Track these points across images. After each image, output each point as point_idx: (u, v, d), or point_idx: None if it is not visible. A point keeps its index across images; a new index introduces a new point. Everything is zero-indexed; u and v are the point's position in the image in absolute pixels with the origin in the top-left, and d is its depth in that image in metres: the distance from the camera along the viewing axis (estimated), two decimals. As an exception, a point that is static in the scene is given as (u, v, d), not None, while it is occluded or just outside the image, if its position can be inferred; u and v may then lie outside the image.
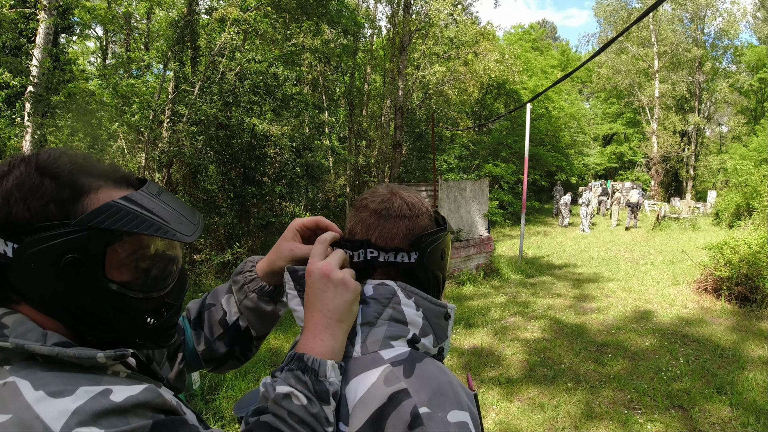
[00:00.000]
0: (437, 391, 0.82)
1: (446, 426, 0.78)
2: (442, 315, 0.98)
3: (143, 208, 0.78)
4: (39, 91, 6.97)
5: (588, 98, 46.06)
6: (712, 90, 34.74)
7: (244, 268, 1.13)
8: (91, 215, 0.73)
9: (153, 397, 0.72)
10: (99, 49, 18.95)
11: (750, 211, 16.08)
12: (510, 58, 18.00)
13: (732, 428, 3.89)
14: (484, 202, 10.96)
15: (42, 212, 0.72)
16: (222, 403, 4.19)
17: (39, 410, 0.63)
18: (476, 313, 7.30)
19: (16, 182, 0.73)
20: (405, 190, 1.05)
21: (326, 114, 16.96)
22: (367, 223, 0.99)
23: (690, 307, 7.40)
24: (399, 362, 0.86)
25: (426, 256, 0.97)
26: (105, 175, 0.80)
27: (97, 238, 0.74)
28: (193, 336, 1.14)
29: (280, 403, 0.80)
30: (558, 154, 28.25)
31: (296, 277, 0.99)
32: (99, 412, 0.65)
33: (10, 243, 0.72)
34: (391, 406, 0.80)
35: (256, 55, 9.49)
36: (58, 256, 0.72)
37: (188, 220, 0.84)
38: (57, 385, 0.66)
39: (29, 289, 0.74)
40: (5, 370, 0.68)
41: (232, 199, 9.68)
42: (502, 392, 4.62)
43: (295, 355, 0.86)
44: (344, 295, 0.90)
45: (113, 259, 0.76)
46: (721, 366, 5.16)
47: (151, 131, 8.37)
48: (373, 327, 0.92)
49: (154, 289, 0.82)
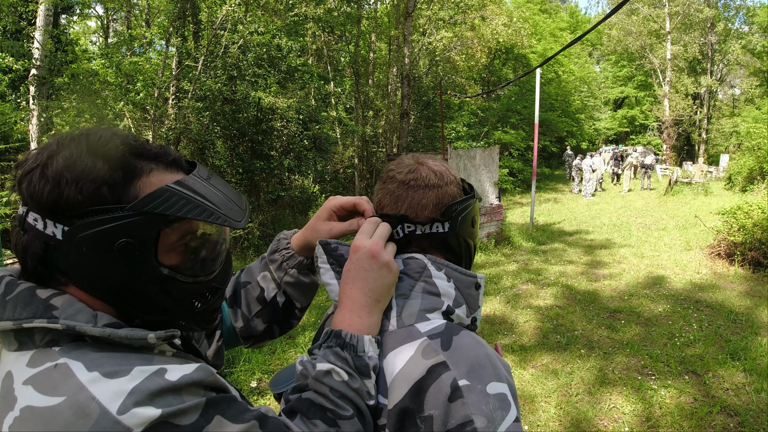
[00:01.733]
0: (475, 363, 0.83)
1: (486, 398, 0.79)
2: (473, 285, 0.99)
3: (196, 193, 0.77)
4: (42, 74, 6.93)
5: (598, 61, 45.20)
6: (724, 51, 33.92)
7: (279, 246, 1.13)
8: (146, 200, 0.72)
9: (206, 376, 0.72)
10: (100, 28, 18.82)
11: (763, 175, 15.88)
12: (518, 21, 17.67)
13: (745, 394, 3.89)
14: (494, 170, 10.88)
15: (95, 195, 0.70)
16: (240, 376, 4.26)
17: (94, 391, 0.62)
18: (488, 281, 7.31)
19: (67, 163, 0.70)
20: (431, 159, 1.04)
21: (332, 85, 16.81)
22: (396, 195, 0.98)
23: (703, 273, 7.36)
24: (436, 335, 0.86)
25: (458, 224, 0.98)
26: (156, 157, 0.78)
27: (151, 223, 0.73)
28: (231, 314, 1.15)
29: (322, 380, 0.81)
30: (568, 119, 27.92)
31: (329, 250, 0.99)
32: (155, 391, 0.64)
33: (60, 225, 0.70)
34: (430, 378, 0.81)
35: (259, 26, 9.36)
36: (111, 240, 0.71)
37: (237, 206, 0.83)
38: (111, 366, 0.66)
39: (78, 272, 0.73)
40: (54, 352, 0.68)
41: (240, 174, 9.70)
42: (516, 359, 4.65)
43: (333, 332, 0.86)
44: (387, 277, 0.90)
45: (164, 243, 0.76)
46: (734, 331, 5.15)
47: (157, 109, 8.34)
48: (408, 300, 0.93)
49: (203, 273, 0.82)
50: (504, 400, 0.81)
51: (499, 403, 0.80)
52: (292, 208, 12.02)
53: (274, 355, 4.76)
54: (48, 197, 0.69)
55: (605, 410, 3.75)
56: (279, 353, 4.79)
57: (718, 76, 35.25)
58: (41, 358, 0.67)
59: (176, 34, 9.22)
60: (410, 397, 0.81)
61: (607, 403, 3.83)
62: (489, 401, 0.79)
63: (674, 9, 31.02)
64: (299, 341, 5.05)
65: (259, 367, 4.44)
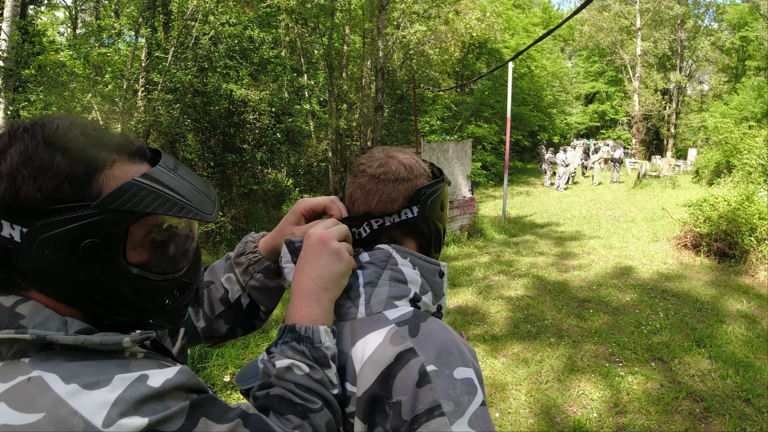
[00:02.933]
0: (443, 349, 0.84)
1: (453, 382, 0.80)
2: (437, 273, 1.01)
3: (165, 186, 0.72)
4: (9, 66, 6.75)
5: (570, 57, 45.74)
6: (693, 48, 34.72)
7: (246, 249, 1.10)
8: (112, 196, 0.67)
9: (188, 379, 0.69)
10: (68, 18, 18.31)
11: (730, 169, 16.28)
12: (491, 16, 17.74)
13: (711, 380, 4.01)
14: (467, 164, 10.95)
15: (55, 193, 0.65)
16: (213, 371, 4.22)
17: (75, 404, 0.59)
18: (461, 273, 7.37)
19: (23, 158, 0.64)
20: (401, 152, 1.05)
21: (305, 77, 16.66)
22: (366, 189, 1.00)
23: (670, 263, 7.54)
24: (404, 322, 0.87)
25: (427, 207, 1.00)
26: (119, 147, 0.73)
27: (118, 221, 0.68)
28: (192, 313, 1.11)
29: (284, 376, 0.80)
30: (540, 113, 28.20)
31: (293, 249, 0.99)
32: (139, 400, 0.61)
33: (17, 226, 0.65)
34: (398, 365, 0.82)
35: (231, 17, 9.22)
36: (75, 241, 0.66)
37: (207, 197, 0.79)
38: (89, 376, 0.62)
39: (40, 275, 0.68)
40: (24, 364, 0.63)
41: (212, 168, 9.55)
42: (488, 349, 4.70)
43: (287, 327, 0.86)
44: (336, 264, 0.90)
45: (132, 240, 0.71)
46: (700, 320, 5.29)
47: (126, 101, 8.17)
48: (375, 287, 0.93)
49: (172, 270, 0.78)
50: (471, 384, 0.82)
51: (466, 388, 0.81)
52: (265, 202, 11.91)
53: (247, 349, 4.72)
54: (3, 197, 0.64)
55: (574, 397, 3.82)
56: (252, 347, 4.76)
57: (687, 72, 36.07)
58: (11, 371, 0.62)
59: (146, 24, 9.04)
60: (379, 384, 0.82)
61: (576, 390, 3.91)
62: (456, 386, 0.80)
63: (645, 6, 31.61)
64: (272, 335, 5.02)
65: (233, 361, 4.40)
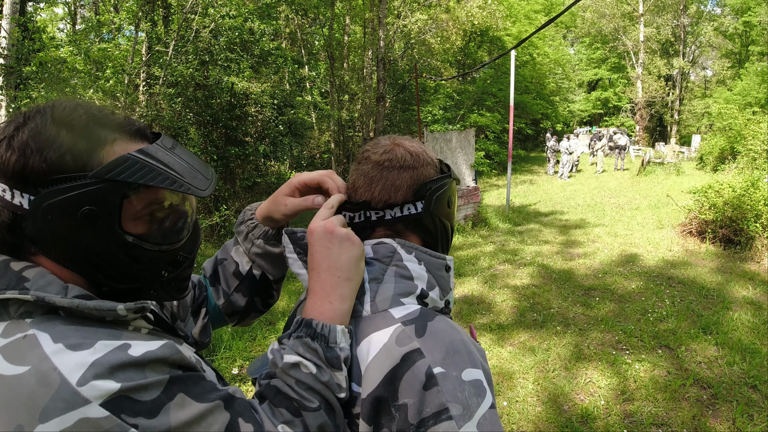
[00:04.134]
0: (450, 349, 0.81)
1: (461, 385, 0.78)
2: (443, 267, 0.98)
3: (159, 161, 0.78)
4: (10, 63, 6.75)
5: (572, 44, 45.44)
6: (696, 33, 34.47)
7: (244, 218, 1.13)
8: (108, 167, 0.74)
9: (171, 353, 0.72)
10: (68, 14, 18.26)
11: (734, 155, 16.21)
12: (492, 3, 17.62)
13: (718, 366, 4.00)
14: (471, 153, 10.93)
15: (59, 163, 0.72)
16: (221, 364, 4.24)
17: (56, 362, 0.64)
18: (466, 262, 7.37)
19: (32, 133, 0.72)
20: (408, 140, 1.02)
21: (306, 69, 16.63)
22: (370, 176, 0.96)
23: (675, 250, 7.52)
24: (410, 321, 0.84)
25: (432, 203, 0.96)
26: (120, 127, 0.80)
27: (113, 190, 0.74)
28: (213, 292, 1.17)
29: (288, 372, 0.80)
30: (543, 101, 28.06)
31: (295, 239, 0.98)
32: (116, 365, 0.65)
33: (26, 195, 0.72)
34: (404, 366, 0.79)
35: (230, 10, 9.18)
36: (75, 207, 0.72)
37: (202, 175, 0.85)
38: (76, 338, 0.67)
39: (46, 240, 0.75)
40: (26, 323, 0.69)
41: (215, 161, 9.55)
42: (494, 338, 4.71)
43: (303, 320, 0.84)
44: (351, 249, 0.88)
45: (129, 211, 0.77)
46: (706, 307, 5.28)
47: (128, 96, 8.16)
48: (381, 284, 0.91)
49: (168, 242, 0.83)
50: (479, 386, 0.79)
51: (475, 390, 0.79)
52: (268, 195, 11.82)
53: (254, 341, 4.74)
54: (14, 167, 0.71)
55: (581, 385, 3.83)
56: (260, 339, 4.77)
57: (690, 57, 35.82)
58: (13, 329, 0.68)
59: (146, 18, 9.00)
60: (384, 386, 0.79)
61: (583, 378, 3.91)
62: (464, 388, 0.78)
63: (647, -9, 31.31)
64: (279, 327, 5.04)
65: (240, 354, 4.42)
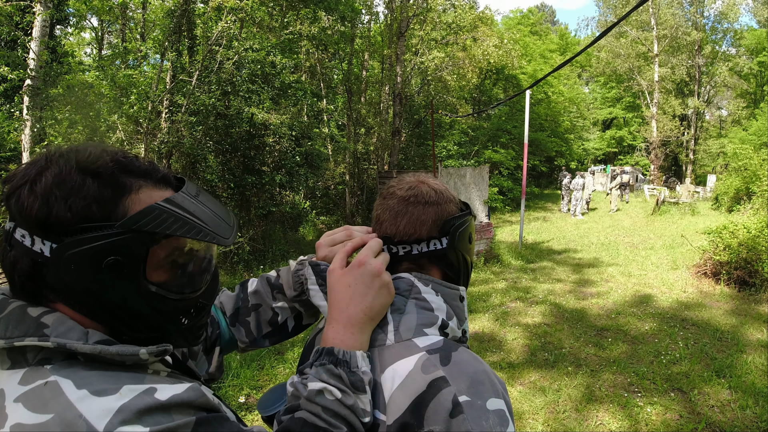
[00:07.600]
0: (474, 379, 0.84)
1: (486, 413, 0.80)
2: (457, 297, 1.02)
3: (185, 211, 0.77)
4: (37, 84, 6.92)
5: (587, 82, 45.88)
6: (711, 74, 34.61)
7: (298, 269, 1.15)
8: (135, 218, 0.72)
9: (197, 396, 0.72)
10: (95, 39, 18.85)
11: (749, 196, 16.07)
12: (509, 42, 17.92)
13: (731, 410, 3.94)
14: (484, 189, 10.98)
15: (84, 212, 0.70)
16: (228, 392, 4.24)
17: (82, 409, 0.62)
18: (477, 299, 7.34)
19: (57, 180, 0.70)
20: (432, 179, 1.07)
21: (324, 102, 16.90)
22: (395, 210, 1.00)
23: (689, 292, 7.44)
24: (435, 350, 0.88)
25: (456, 239, 1.00)
26: (146, 174, 0.78)
27: (140, 240, 0.73)
28: (232, 332, 1.16)
29: (314, 399, 0.81)
30: (557, 139, 28.23)
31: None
32: (143, 410, 0.64)
33: (48, 242, 0.70)
34: (430, 393, 0.81)
35: (254, 43, 9.46)
36: (99, 258, 0.71)
37: (226, 223, 0.84)
38: (100, 384, 0.66)
39: (67, 289, 0.72)
40: (46, 370, 0.68)
41: (232, 189, 9.69)
42: (504, 377, 4.66)
43: (324, 349, 0.87)
44: (386, 297, 0.93)
45: (152, 260, 0.76)
46: (720, 349, 5.21)
47: (150, 122, 8.36)
48: (403, 315, 0.94)
49: (190, 290, 0.82)
50: (503, 416, 0.82)
51: (499, 419, 0.81)
52: (282, 224, 12.03)
53: (262, 370, 4.74)
54: (37, 214, 0.69)
55: (592, 427, 3.77)
56: (267, 368, 4.78)
57: (705, 97, 35.90)
58: (33, 376, 0.67)
59: (171, 48, 9.28)
60: (410, 412, 0.81)
61: (594, 420, 3.86)
62: (489, 417, 0.80)
63: (662, 32, 31.63)
64: (288, 357, 5.04)
65: (248, 382, 4.42)
